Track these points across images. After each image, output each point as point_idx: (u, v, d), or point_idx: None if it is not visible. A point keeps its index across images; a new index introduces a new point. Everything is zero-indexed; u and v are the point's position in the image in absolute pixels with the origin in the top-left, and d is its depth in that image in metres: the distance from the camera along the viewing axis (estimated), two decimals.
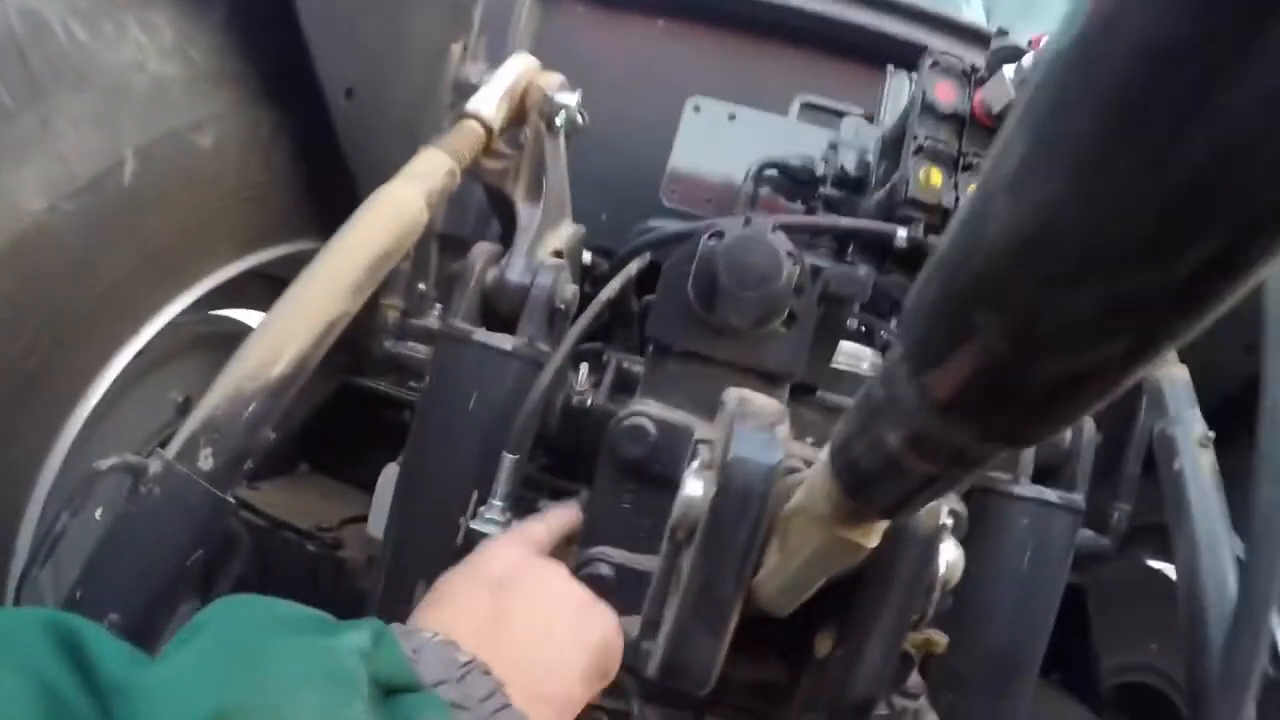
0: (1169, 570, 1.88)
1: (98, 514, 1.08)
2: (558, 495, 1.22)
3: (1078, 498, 1.20)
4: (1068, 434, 1.22)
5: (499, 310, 1.10)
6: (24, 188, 0.97)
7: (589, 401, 1.10)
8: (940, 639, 0.91)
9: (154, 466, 0.85)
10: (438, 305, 1.42)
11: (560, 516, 0.93)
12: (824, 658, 0.81)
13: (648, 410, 0.90)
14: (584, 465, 1.16)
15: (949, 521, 0.78)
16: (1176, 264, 0.31)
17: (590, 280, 1.35)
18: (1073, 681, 1.78)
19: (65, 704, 0.44)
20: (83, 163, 1.02)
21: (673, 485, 0.89)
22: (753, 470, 0.73)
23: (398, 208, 0.98)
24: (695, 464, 0.79)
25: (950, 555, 0.81)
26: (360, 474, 1.52)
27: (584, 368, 1.12)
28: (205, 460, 0.86)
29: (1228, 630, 0.97)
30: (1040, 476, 1.20)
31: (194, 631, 0.51)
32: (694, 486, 0.76)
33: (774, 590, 0.74)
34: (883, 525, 0.66)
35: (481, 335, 1.06)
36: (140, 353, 1.17)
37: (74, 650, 0.46)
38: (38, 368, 1.04)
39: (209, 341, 1.47)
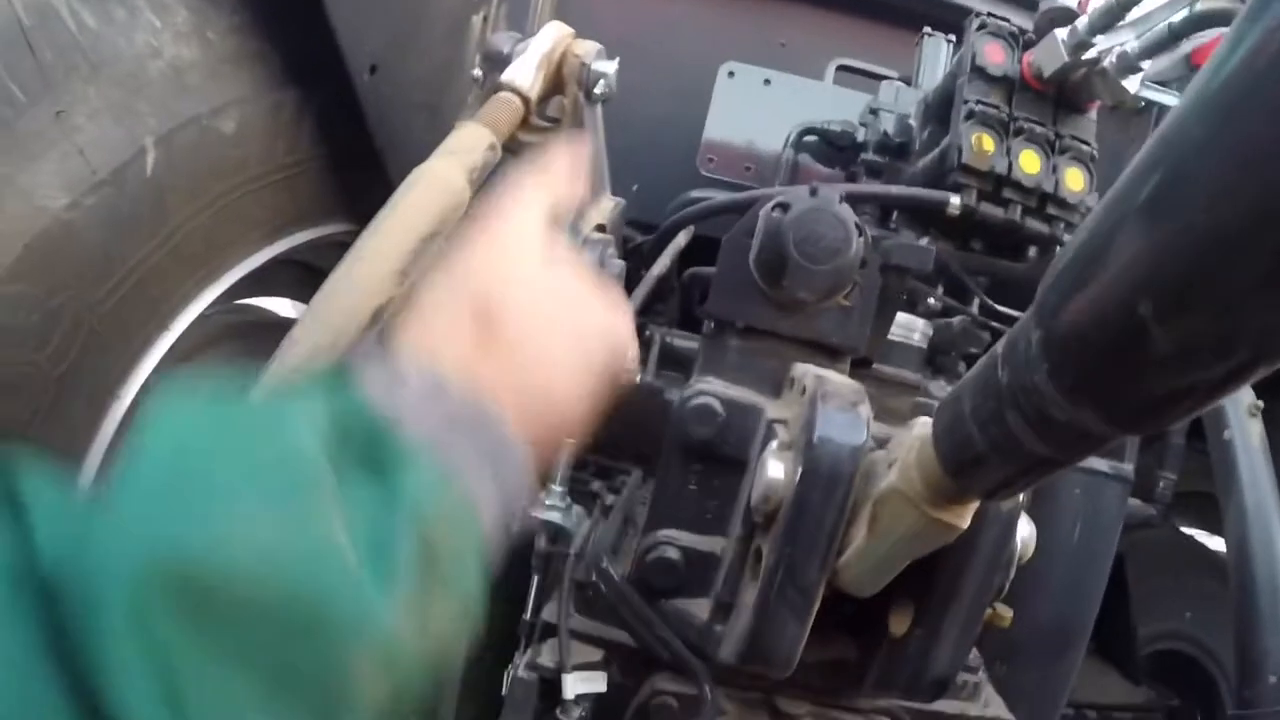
0: (1205, 538, 1.88)
1: None
2: (605, 473, 1.20)
3: (1128, 467, 1.19)
4: None
5: None
6: (42, 185, 0.94)
7: (637, 379, 1.07)
8: (1006, 613, 0.90)
9: None
10: None
11: (574, 156, 0.71)
12: (901, 636, 0.79)
13: (713, 389, 0.87)
14: (632, 443, 1.14)
15: (1024, 498, 0.76)
16: None
17: (626, 254, 1.32)
18: (1110, 650, 1.78)
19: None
20: (102, 155, 0.98)
21: (741, 466, 0.87)
22: (839, 451, 0.71)
23: (439, 186, 0.94)
24: (774, 445, 0.77)
25: (1024, 530, 0.79)
26: None
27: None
28: None
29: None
30: None
31: (131, 465, 0.41)
32: (775, 469, 0.74)
33: (860, 572, 0.72)
34: (975, 505, 0.65)
35: None
36: (172, 347, 1.14)
37: (9, 495, 0.38)
38: (70, 370, 1.01)
39: (239, 331, 1.43)
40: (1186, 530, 1.89)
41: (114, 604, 0.34)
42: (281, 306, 1.49)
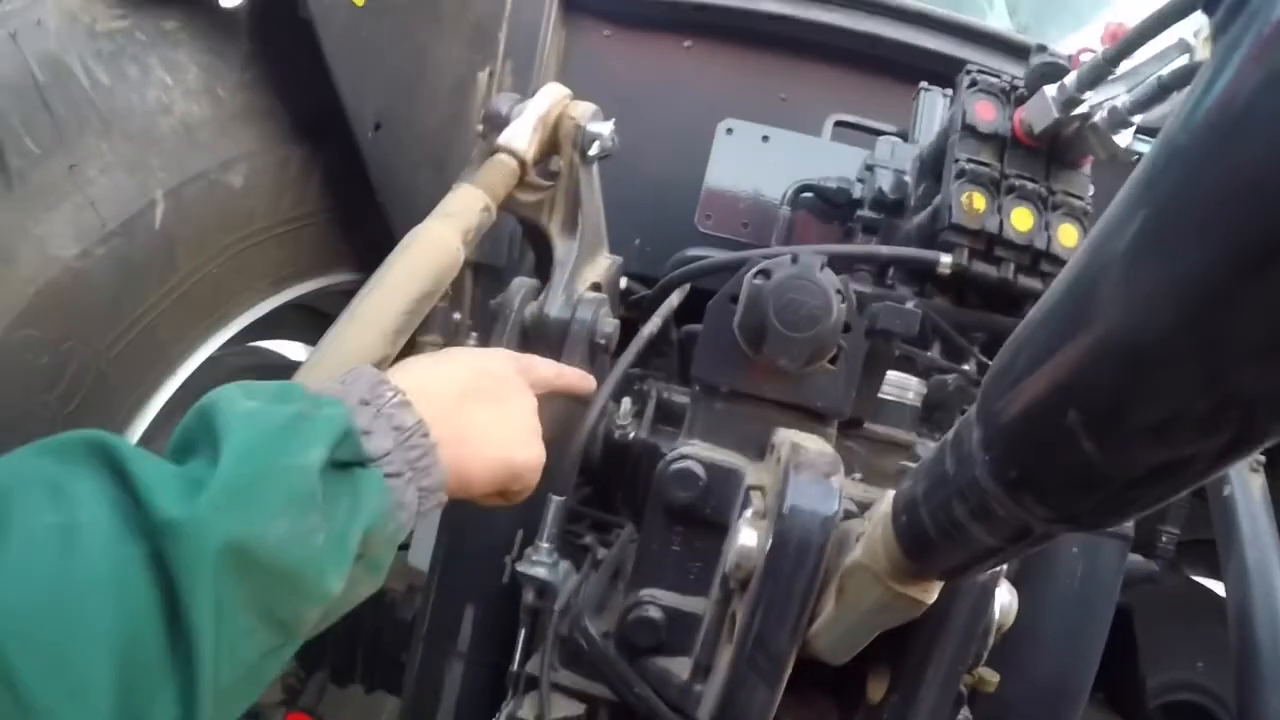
0: (1216, 587, 1.85)
1: None
2: (600, 528, 1.21)
3: (1127, 526, 1.19)
4: None
5: (539, 345, 1.09)
6: (55, 235, 0.97)
7: (631, 435, 1.09)
8: (991, 677, 0.90)
9: None
10: (473, 334, 1.41)
11: (574, 375, 0.96)
12: (878, 703, 0.80)
13: (696, 453, 0.89)
14: (627, 499, 1.16)
15: (1003, 566, 0.76)
16: None
17: (627, 307, 1.34)
18: (1117, 699, 1.76)
19: (125, 512, 0.52)
20: (113, 207, 1.02)
21: (722, 528, 0.88)
22: (810, 521, 0.72)
23: (434, 247, 0.97)
24: (749, 512, 0.78)
25: (1004, 599, 0.80)
26: None
27: (626, 401, 1.11)
28: None
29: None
30: None
31: (206, 438, 0.59)
32: (748, 536, 0.75)
33: (830, 641, 0.73)
34: (940, 584, 0.66)
35: None
36: (180, 389, 1.18)
37: (121, 474, 0.54)
38: (78, 411, 1.04)
39: (248, 373, 1.47)
40: (1197, 579, 1.87)
41: (204, 558, 0.52)
42: (291, 349, 1.53)
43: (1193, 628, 1.78)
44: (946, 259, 1.08)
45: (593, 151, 1.11)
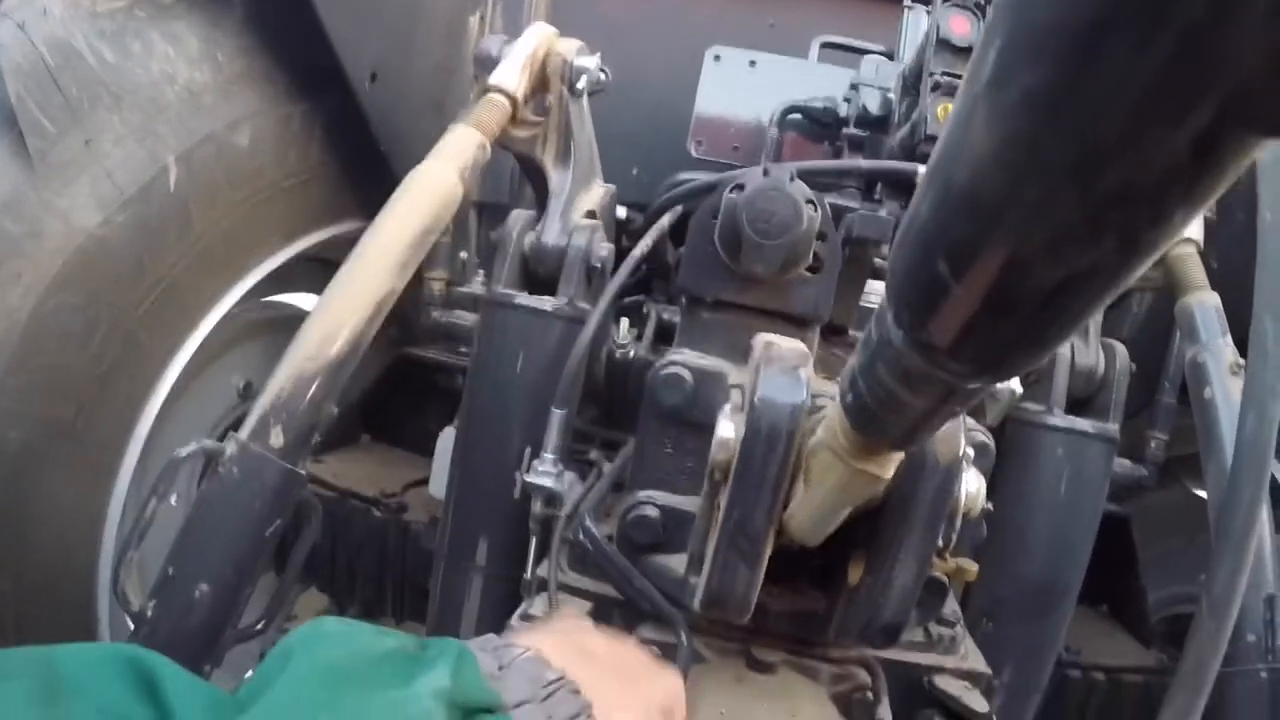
0: None
1: (173, 500, 1.16)
2: (608, 446, 1.27)
3: (1112, 427, 1.21)
4: (1100, 364, 1.23)
5: (538, 273, 1.15)
6: (77, 206, 1.05)
7: (631, 354, 1.15)
8: (970, 567, 0.94)
9: (230, 448, 0.92)
10: (481, 271, 1.47)
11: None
12: (855, 585, 0.85)
13: (684, 359, 0.94)
14: (631, 416, 1.21)
15: (969, 451, 0.80)
16: (1165, 149, 0.30)
17: (626, 235, 1.39)
18: (1121, 612, 1.79)
19: None
20: (128, 176, 1.09)
21: (711, 429, 0.93)
22: (779, 410, 0.76)
23: (433, 187, 1.03)
24: (727, 407, 0.83)
25: (972, 485, 0.82)
26: (419, 439, 1.60)
27: (624, 322, 1.17)
28: (276, 438, 0.93)
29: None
30: (1075, 407, 1.22)
31: (278, 667, 0.52)
32: (726, 429, 0.80)
33: (803, 522, 0.78)
34: (897, 457, 0.70)
35: (524, 299, 1.12)
36: (201, 344, 1.25)
37: (152, 693, 0.48)
38: (110, 370, 1.13)
39: (264, 327, 1.54)
40: (1198, 491, 1.88)
41: None
42: (304, 301, 1.60)
43: (1195, 540, 1.80)
44: (923, 169, 1.11)
45: (580, 85, 1.16)
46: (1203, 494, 1.87)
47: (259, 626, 1.01)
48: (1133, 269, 0.38)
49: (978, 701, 0.97)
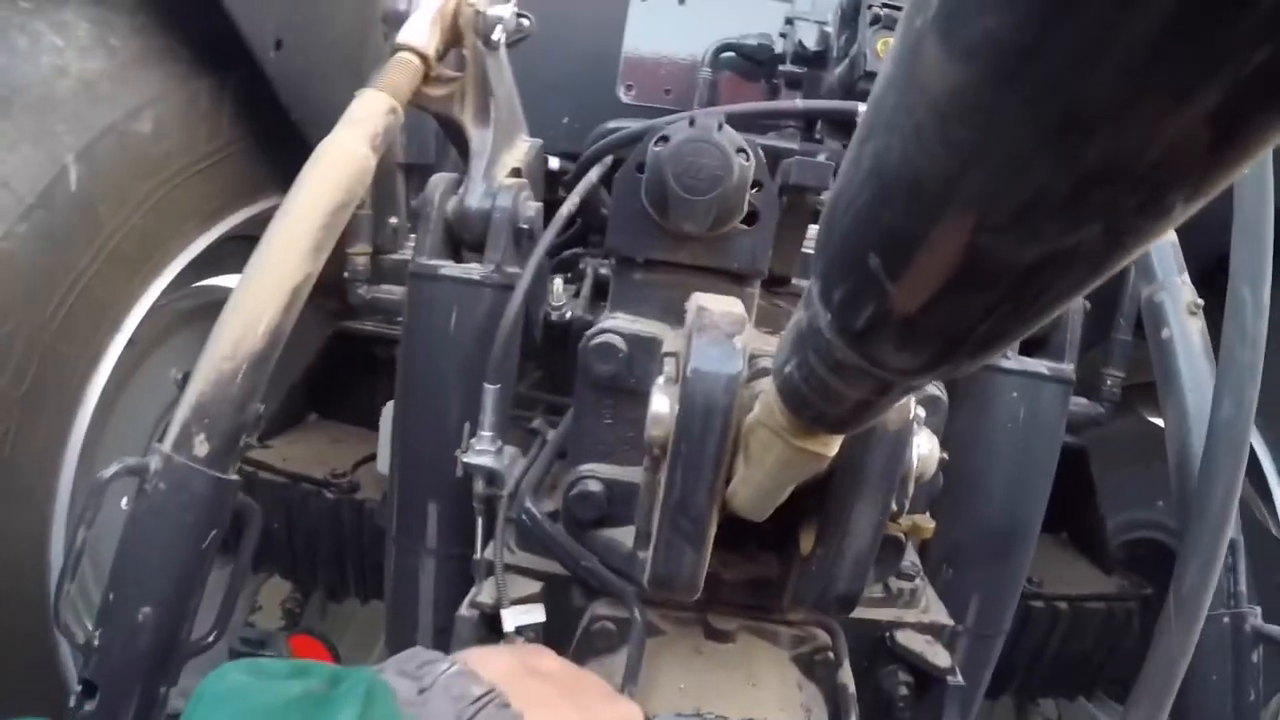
0: None
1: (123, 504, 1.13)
2: (553, 411, 1.23)
3: (1067, 368, 1.19)
4: None
5: (465, 238, 1.09)
6: None
7: (569, 314, 1.10)
8: (926, 524, 0.91)
9: (154, 463, 0.87)
10: (413, 237, 1.41)
11: None
12: (807, 555, 0.81)
13: (616, 325, 0.90)
14: (573, 378, 1.17)
15: (920, 413, 0.77)
16: (1169, 123, 0.23)
17: (562, 187, 1.33)
18: (1081, 540, 1.79)
19: None
20: (26, 183, 1.02)
21: (647, 397, 0.89)
22: (713, 383, 0.72)
23: (342, 159, 0.96)
24: (660, 380, 0.79)
25: (924, 447, 0.78)
26: (366, 414, 1.55)
27: (558, 282, 1.12)
28: (200, 446, 0.88)
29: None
30: (1029, 347, 1.19)
31: None
32: (660, 403, 0.76)
33: (747, 499, 0.74)
34: (841, 436, 0.66)
35: (450, 268, 1.06)
36: (131, 343, 1.19)
37: None
38: (32, 388, 1.07)
39: (197, 314, 1.49)
40: (1154, 420, 1.88)
41: None
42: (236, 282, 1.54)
43: (1150, 467, 1.80)
44: (863, 108, 1.06)
45: (495, 36, 1.09)
46: (1159, 422, 1.88)
47: (210, 639, 0.97)
48: (1112, 265, 0.32)
49: (940, 656, 0.96)
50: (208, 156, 1.22)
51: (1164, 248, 1.11)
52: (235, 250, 1.37)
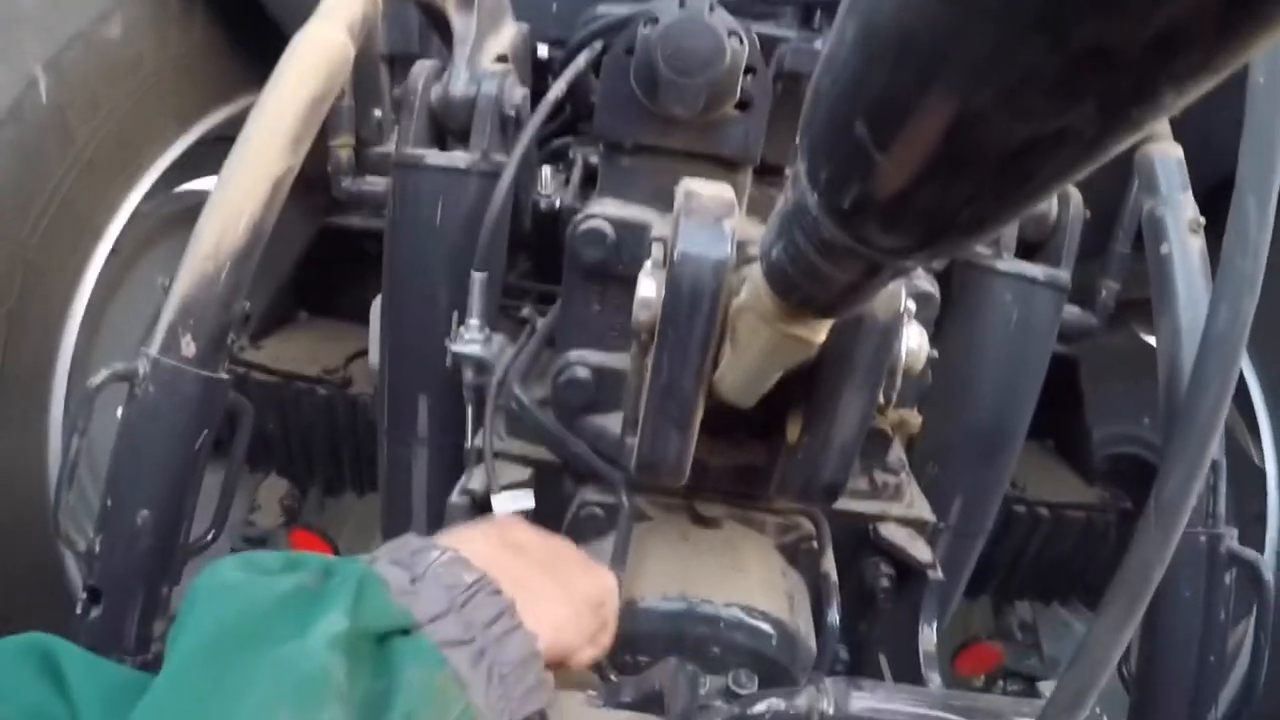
0: None
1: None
2: (543, 300, 1.22)
3: (1062, 274, 1.18)
4: (1054, 209, 1.18)
5: (450, 127, 1.07)
6: None
7: (558, 203, 1.08)
8: (913, 419, 0.91)
9: (143, 367, 0.87)
10: (396, 127, 1.38)
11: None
12: (794, 444, 0.82)
13: (604, 211, 0.89)
14: (562, 266, 1.16)
15: (910, 305, 0.76)
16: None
17: (551, 75, 1.30)
18: (1066, 449, 1.81)
19: None
20: None
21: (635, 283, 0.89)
22: (701, 267, 0.71)
23: (319, 50, 0.93)
24: (648, 264, 0.78)
25: (913, 340, 0.77)
26: (357, 309, 1.53)
27: (546, 169, 1.10)
28: (188, 347, 0.88)
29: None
30: (1025, 251, 1.18)
31: (179, 628, 0.50)
32: (647, 287, 0.75)
33: (733, 385, 0.74)
34: (829, 321, 0.65)
35: (435, 157, 1.04)
36: (115, 252, 1.18)
37: (56, 675, 0.47)
38: (18, 305, 1.07)
39: (180, 220, 1.47)
40: (1147, 338, 1.87)
41: None
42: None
43: (1140, 384, 1.80)
44: None
45: None
46: (1152, 340, 1.88)
47: (209, 538, 0.98)
48: (1102, 149, 0.31)
49: (921, 550, 0.97)
50: (181, 57, 1.20)
51: (1169, 162, 1.09)
52: (216, 152, 1.34)
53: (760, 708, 0.60)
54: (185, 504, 0.91)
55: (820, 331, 0.64)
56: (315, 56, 0.92)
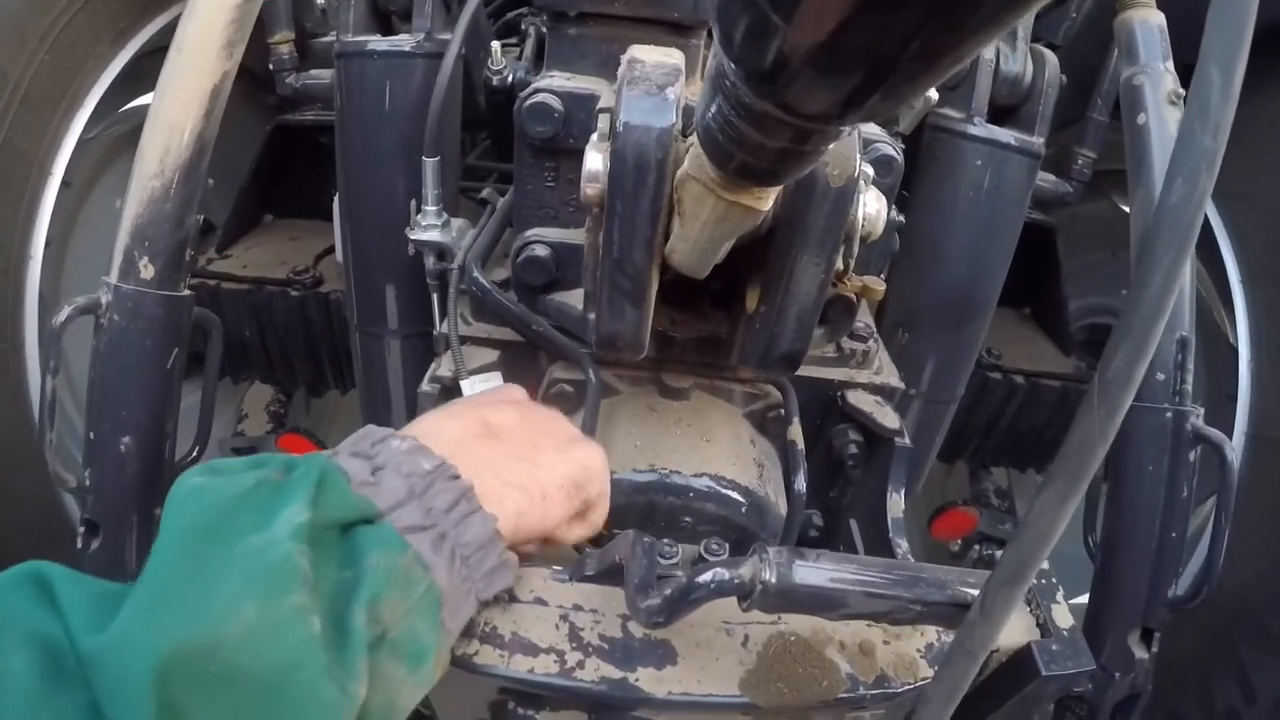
0: None
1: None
2: (504, 179, 1.20)
3: (1036, 140, 1.15)
4: (1029, 72, 1.15)
5: (391, 9, 1.03)
6: None
7: (510, 78, 1.06)
8: (877, 285, 0.89)
9: (104, 296, 0.87)
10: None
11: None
12: (752, 313, 0.81)
13: (550, 83, 0.86)
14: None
15: (868, 170, 0.74)
16: None
17: None
18: (1042, 317, 1.80)
19: (59, 653, 0.46)
20: None
21: None
22: (644, 136, 0.69)
23: None
24: (594, 136, 0.77)
25: (871, 206, 0.76)
26: (320, 206, 1.51)
27: (496, 45, 1.06)
28: (146, 269, 0.87)
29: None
30: (998, 116, 1.16)
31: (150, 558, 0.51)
32: (594, 160, 0.73)
33: (685, 256, 0.73)
34: (775, 189, 0.64)
35: (377, 42, 1.01)
36: (66, 184, 1.16)
37: (50, 598, 0.48)
38: None
39: (130, 139, 1.43)
40: (1125, 207, 1.85)
41: (135, 683, 0.44)
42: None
43: (1118, 255, 1.78)
44: None
45: None
46: (1127, 209, 1.85)
47: (193, 455, 1.00)
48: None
49: (889, 417, 0.98)
50: None
51: (1150, 29, 1.05)
52: (155, 65, 1.31)
53: (705, 576, 0.62)
54: (166, 425, 0.92)
55: (766, 199, 0.63)
56: None
